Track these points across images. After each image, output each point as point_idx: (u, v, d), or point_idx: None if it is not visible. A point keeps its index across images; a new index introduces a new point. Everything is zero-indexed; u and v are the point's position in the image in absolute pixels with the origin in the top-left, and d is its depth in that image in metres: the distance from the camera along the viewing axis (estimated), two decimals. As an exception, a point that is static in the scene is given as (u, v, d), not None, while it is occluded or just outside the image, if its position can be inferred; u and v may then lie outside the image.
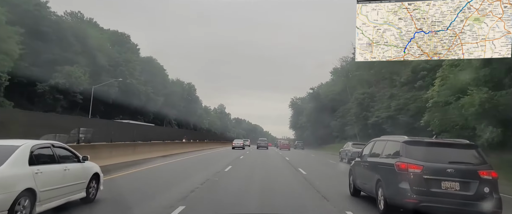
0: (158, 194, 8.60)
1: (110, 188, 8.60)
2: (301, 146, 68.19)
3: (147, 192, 8.99)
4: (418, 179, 6.48)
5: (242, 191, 10.23)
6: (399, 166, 6.78)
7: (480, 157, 6.79)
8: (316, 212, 7.86)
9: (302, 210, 7.86)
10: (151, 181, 11.45)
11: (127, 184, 10.44)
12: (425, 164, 6.55)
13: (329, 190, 10.65)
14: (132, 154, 18.36)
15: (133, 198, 7.94)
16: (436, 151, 6.92)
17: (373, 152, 8.44)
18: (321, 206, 8.20)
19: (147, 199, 7.90)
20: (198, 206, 7.65)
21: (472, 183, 6.38)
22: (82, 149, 11.63)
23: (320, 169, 19.98)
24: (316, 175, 15.91)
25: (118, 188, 9.34)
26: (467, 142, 7.27)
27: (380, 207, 7.36)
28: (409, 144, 7.01)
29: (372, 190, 7.88)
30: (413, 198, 6.45)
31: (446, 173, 6.41)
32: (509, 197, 10.35)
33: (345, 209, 7.86)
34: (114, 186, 9.32)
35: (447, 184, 6.39)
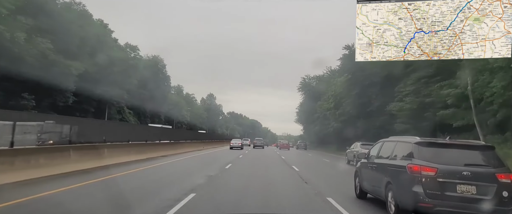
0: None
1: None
2: (304, 146, 60.69)
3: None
4: (432, 182, 6.23)
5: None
6: (411, 169, 6.54)
7: (497, 160, 6.56)
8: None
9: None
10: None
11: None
12: (439, 166, 6.29)
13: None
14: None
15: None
16: (450, 152, 6.66)
17: (382, 153, 8.20)
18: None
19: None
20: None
21: (490, 187, 6.13)
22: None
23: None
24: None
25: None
26: (483, 144, 7.07)
27: (390, 211, 7.15)
28: (422, 145, 6.76)
29: (381, 193, 7.66)
30: (427, 202, 6.21)
31: (462, 176, 6.16)
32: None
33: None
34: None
35: (463, 188, 6.14)
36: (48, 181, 10.20)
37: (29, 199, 7.61)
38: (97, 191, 9.37)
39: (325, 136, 59.01)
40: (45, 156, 11.62)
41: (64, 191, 8.86)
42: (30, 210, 6.97)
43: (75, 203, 7.65)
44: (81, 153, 13.82)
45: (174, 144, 30.01)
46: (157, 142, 27.61)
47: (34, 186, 9.26)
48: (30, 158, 11.00)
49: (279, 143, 60.38)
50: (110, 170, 13.07)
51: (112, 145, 18.21)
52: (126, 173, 13.17)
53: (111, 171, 12.96)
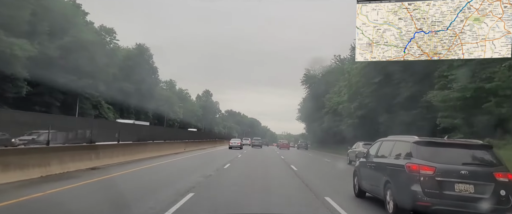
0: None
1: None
2: (305, 145, 59.03)
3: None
4: (431, 181, 6.30)
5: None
6: (410, 168, 6.60)
7: (495, 159, 6.60)
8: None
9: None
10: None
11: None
12: (437, 165, 6.35)
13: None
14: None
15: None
16: (449, 152, 6.74)
17: (380, 152, 8.28)
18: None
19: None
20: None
21: (488, 186, 6.19)
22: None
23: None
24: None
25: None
26: (481, 143, 7.11)
27: (389, 210, 7.19)
28: (421, 144, 6.82)
29: (380, 192, 7.70)
30: (425, 201, 6.27)
31: (460, 175, 6.22)
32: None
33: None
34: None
35: (461, 187, 6.20)
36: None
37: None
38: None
39: (335, 134, 50.77)
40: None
41: (55, 193, 8.46)
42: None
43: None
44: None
45: (160, 144, 24.67)
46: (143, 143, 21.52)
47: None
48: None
49: (279, 142, 60.47)
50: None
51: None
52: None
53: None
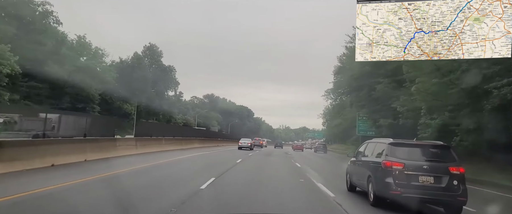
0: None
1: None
2: (323, 148, 50.33)
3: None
4: (401, 175, 7.48)
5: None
6: (385, 164, 7.78)
7: (451, 156, 7.81)
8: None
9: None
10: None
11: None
12: (406, 162, 7.57)
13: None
14: None
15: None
16: (415, 151, 8.01)
17: (365, 152, 9.36)
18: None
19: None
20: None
21: (444, 177, 7.44)
22: None
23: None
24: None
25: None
26: (441, 143, 8.26)
27: (370, 199, 8.24)
28: (393, 145, 8.06)
29: (364, 186, 8.70)
30: (397, 190, 7.42)
31: (423, 169, 7.48)
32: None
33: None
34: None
35: (424, 178, 7.43)
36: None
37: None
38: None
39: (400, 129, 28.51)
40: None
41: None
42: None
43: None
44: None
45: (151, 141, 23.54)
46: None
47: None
48: None
49: (294, 145, 60.29)
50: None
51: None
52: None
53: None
